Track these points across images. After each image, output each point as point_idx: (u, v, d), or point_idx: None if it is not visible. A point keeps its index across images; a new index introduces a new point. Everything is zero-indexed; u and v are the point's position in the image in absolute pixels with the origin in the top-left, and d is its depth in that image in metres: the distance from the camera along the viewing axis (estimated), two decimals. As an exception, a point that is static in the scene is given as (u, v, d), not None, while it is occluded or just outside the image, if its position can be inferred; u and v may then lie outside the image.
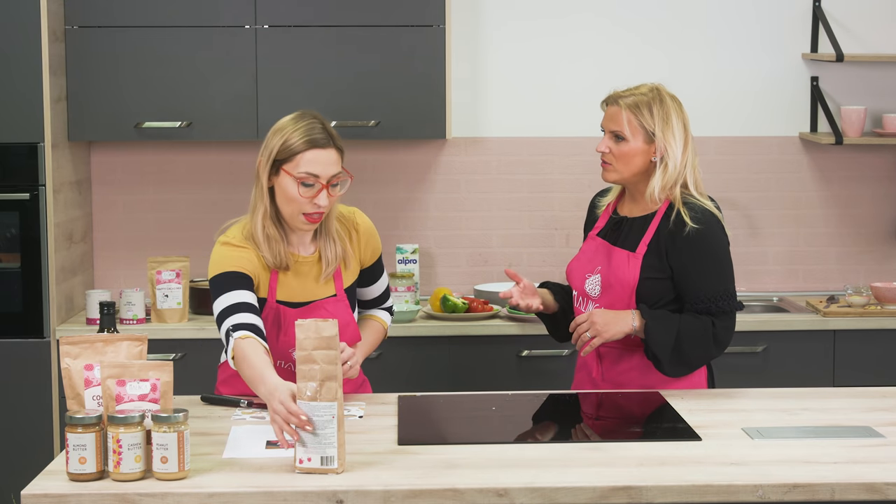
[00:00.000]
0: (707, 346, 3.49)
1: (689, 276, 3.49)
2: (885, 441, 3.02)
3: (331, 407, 2.76)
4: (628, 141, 3.50)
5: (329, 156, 3.27)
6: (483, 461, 2.87)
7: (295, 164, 3.25)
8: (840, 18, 5.21)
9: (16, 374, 4.57)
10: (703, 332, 3.48)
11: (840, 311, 4.75)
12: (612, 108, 3.54)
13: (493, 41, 5.17)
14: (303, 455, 2.78)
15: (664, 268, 3.50)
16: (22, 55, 4.52)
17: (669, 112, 3.51)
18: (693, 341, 3.47)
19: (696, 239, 3.47)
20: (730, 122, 5.24)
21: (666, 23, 5.20)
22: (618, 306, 3.53)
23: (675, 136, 3.51)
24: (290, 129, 3.27)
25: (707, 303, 3.50)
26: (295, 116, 3.32)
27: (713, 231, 3.50)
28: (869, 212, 5.28)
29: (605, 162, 3.55)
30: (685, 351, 3.47)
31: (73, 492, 2.68)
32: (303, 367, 2.77)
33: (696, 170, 3.58)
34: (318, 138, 3.26)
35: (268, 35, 4.77)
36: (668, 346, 3.46)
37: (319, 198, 3.26)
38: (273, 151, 3.27)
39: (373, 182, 5.11)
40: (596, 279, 3.58)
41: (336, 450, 2.77)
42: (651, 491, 2.70)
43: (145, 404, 2.80)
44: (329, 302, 3.42)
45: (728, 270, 3.53)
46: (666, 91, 3.57)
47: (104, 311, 3.27)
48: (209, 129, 4.81)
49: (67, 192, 4.79)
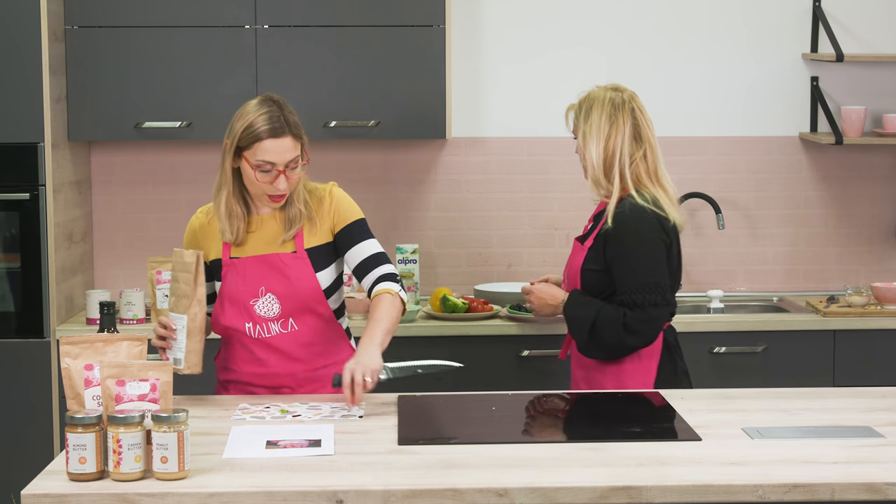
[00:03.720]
0: (618, 333, 3.66)
1: (613, 269, 3.70)
2: (885, 441, 3.03)
3: (181, 318, 3.39)
4: (577, 139, 3.79)
5: (284, 143, 3.41)
6: (483, 461, 2.87)
7: (253, 151, 3.41)
8: (840, 18, 5.21)
9: (16, 374, 4.58)
10: (614, 320, 3.66)
11: (840, 311, 4.75)
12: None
13: (493, 41, 5.17)
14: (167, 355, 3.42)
15: (601, 260, 3.71)
16: (22, 55, 4.52)
17: (591, 109, 3.73)
18: (606, 328, 3.67)
19: (615, 234, 3.68)
20: (730, 122, 5.25)
21: (666, 23, 5.20)
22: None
23: (592, 131, 3.72)
24: (252, 116, 3.42)
25: (622, 294, 3.68)
26: (258, 102, 3.47)
27: (631, 227, 3.66)
28: (869, 212, 5.28)
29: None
30: (599, 336, 3.69)
31: (73, 492, 2.68)
32: (172, 285, 3.44)
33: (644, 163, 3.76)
34: (275, 127, 3.40)
35: (268, 35, 4.77)
36: (584, 330, 3.70)
37: (278, 182, 3.42)
38: (236, 137, 3.44)
39: (373, 182, 5.11)
40: (566, 270, 3.89)
41: (183, 354, 3.39)
42: (651, 491, 2.70)
43: (145, 404, 2.80)
44: (288, 256, 3.50)
45: (644, 266, 3.67)
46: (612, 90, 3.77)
47: (104, 311, 3.27)
48: (209, 129, 4.81)
49: (67, 192, 4.79)
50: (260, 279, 3.49)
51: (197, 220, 3.62)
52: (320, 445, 2.98)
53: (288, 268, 3.49)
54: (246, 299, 3.49)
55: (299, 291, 3.50)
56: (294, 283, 3.49)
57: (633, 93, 3.83)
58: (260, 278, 3.49)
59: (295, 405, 3.37)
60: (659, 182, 3.77)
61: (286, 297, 3.49)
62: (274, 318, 3.50)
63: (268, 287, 3.49)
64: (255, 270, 3.49)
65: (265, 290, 3.49)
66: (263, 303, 3.50)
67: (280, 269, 3.49)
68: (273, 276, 3.49)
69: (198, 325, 3.40)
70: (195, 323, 3.40)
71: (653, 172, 3.78)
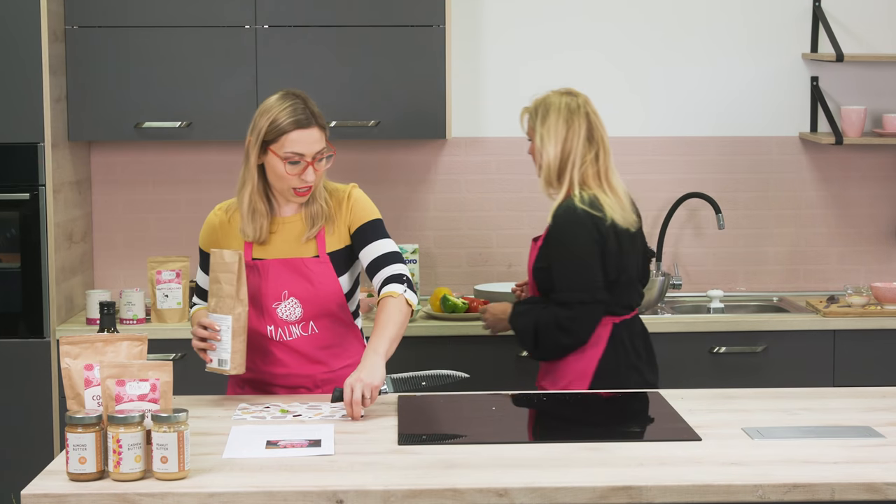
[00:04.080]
0: (553, 333, 3.79)
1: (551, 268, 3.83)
2: (885, 441, 3.03)
3: (226, 319, 3.34)
4: (532, 141, 3.90)
5: (312, 135, 3.44)
6: (483, 461, 2.87)
7: (280, 144, 3.42)
8: (840, 18, 5.21)
9: (16, 374, 4.57)
10: (549, 322, 3.80)
11: (840, 311, 4.75)
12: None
13: (493, 41, 5.17)
14: (210, 357, 3.38)
15: (546, 258, 3.85)
16: (22, 55, 4.52)
17: (548, 111, 3.84)
18: (544, 331, 3.81)
19: (551, 234, 3.83)
20: (730, 122, 5.25)
21: (666, 23, 5.20)
22: (531, 288, 3.95)
23: (550, 133, 3.82)
24: (276, 111, 3.43)
25: (555, 294, 3.82)
26: (280, 97, 3.47)
27: (563, 228, 3.79)
28: (869, 212, 5.28)
29: None
30: (541, 338, 3.83)
31: (73, 492, 2.68)
32: (211, 286, 3.38)
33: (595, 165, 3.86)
34: (300, 119, 3.42)
35: (268, 35, 4.77)
36: (529, 338, 3.85)
37: (306, 174, 3.43)
38: (261, 133, 3.43)
39: (373, 182, 5.11)
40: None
41: (228, 354, 3.34)
42: (651, 491, 2.70)
43: (145, 404, 2.80)
44: (312, 261, 3.50)
45: (572, 265, 3.79)
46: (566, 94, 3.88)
47: (104, 311, 3.26)
48: (209, 129, 4.81)
49: (67, 192, 4.79)
50: (283, 283, 3.48)
51: (217, 217, 3.58)
52: (320, 445, 2.98)
53: (311, 272, 3.49)
54: (268, 302, 3.49)
55: (322, 296, 3.50)
56: (317, 287, 3.49)
57: (587, 97, 3.94)
58: (283, 282, 3.48)
59: (294, 405, 3.37)
60: (609, 183, 3.87)
61: (308, 302, 3.49)
62: (295, 322, 3.50)
63: (291, 291, 3.49)
64: (278, 273, 3.48)
65: (288, 294, 3.49)
66: (286, 306, 3.49)
67: (304, 273, 3.49)
68: (296, 280, 3.49)
69: (241, 324, 3.38)
70: (239, 323, 3.37)
71: (603, 174, 3.87)
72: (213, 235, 3.57)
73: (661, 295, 4.90)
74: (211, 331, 3.37)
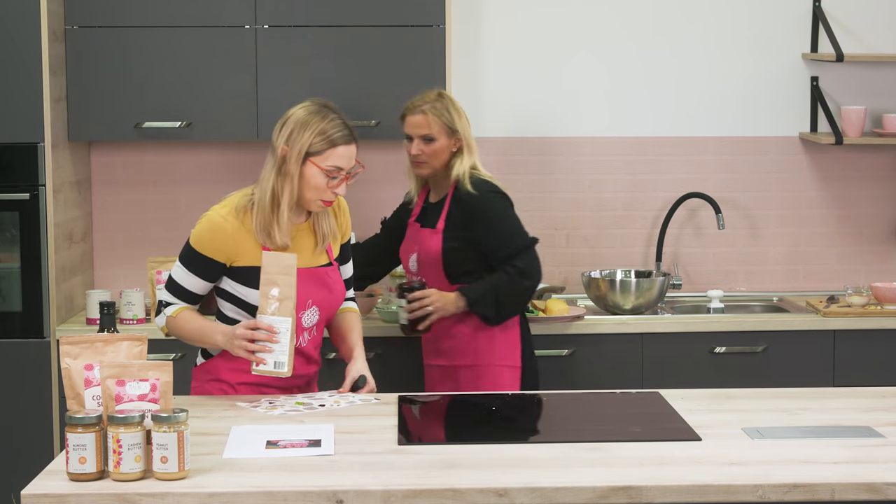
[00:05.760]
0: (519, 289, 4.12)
1: (487, 233, 4.12)
2: (885, 441, 3.03)
3: (286, 321, 3.34)
4: (437, 140, 4.18)
5: (352, 151, 3.53)
6: (483, 461, 2.87)
7: (325, 157, 3.47)
8: (840, 18, 5.21)
9: (16, 374, 4.57)
10: (509, 279, 4.10)
11: (840, 311, 4.75)
12: (417, 117, 4.20)
13: (493, 41, 5.17)
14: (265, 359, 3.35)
15: (462, 237, 4.14)
16: (22, 55, 4.52)
17: (459, 109, 4.23)
18: (508, 292, 4.10)
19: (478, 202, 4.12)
20: (730, 122, 5.25)
21: (666, 23, 5.20)
22: (431, 275, 4.18)
23: (468, 126, 4.22)
24: (322, 124, 3.48)
25: (505, 248, 4.12)
26: (316, 109, 3.51)
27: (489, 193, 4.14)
28: (869, 212, 5.28)
29: (420, 162, 4.21)
30: (505, 302, 4.11)
31: (73, 492, 2.68)
32: (266, 287, 3.35)
33: None
34: (346, 135, 3.50)
35: (268, 35, 4.77)
36: (490, 307, 4.10)
37: (340, 187, 3.50)
38: (305, 145, 3.46)
39: (373, 182, 5.10)
40: (415, 257, 4.25)
41: (287, 357, 3.35)
42: (651, 491, 2.70)
43: (145, 404, 2.80)
44: (331, 270, 3.59)
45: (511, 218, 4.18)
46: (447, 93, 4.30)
47: (104, 311, 3.26)
48: (209, 129, 4.81)
49: (67, 192, 4.79)
50: (308, 292, 3.51)
51: (228, 223, 3.48)
52: (320, 445, 2.98)
53: (331, 280, 3.57)
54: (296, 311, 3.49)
55: (336, 303, 3.61)
56: (335, 294, 3.59)
57: None
58: (308, 291, 3.51)
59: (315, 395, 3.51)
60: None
61: (325, 308, 3.57)
62: (311, 328, 3.55)
63: (315, 300, 3.54)
64: (302, 283, 3.47)
65: (312, 303, 3.53)
66: (309, 314, 3.53)
67: (325, 282, 3.56)
68: (318, 290, 3.54)
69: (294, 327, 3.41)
70: (294, 325, 3.39)
71: None
72: (226, 242, 3.48)
73: (661, 295, 4.90)
74: (268, 333, 3.36)
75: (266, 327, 3.35)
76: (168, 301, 3.56)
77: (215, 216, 3.50)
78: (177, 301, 3.55)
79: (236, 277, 3.50)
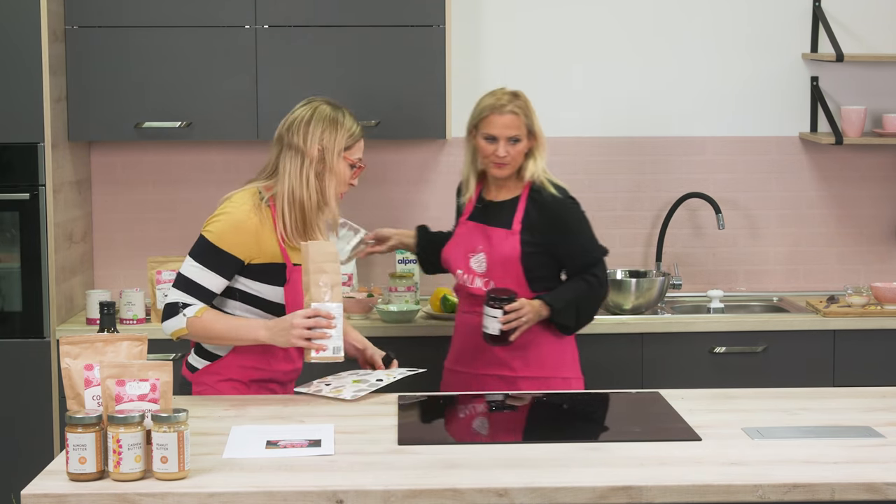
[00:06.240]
0: (597, 299, 4.01)
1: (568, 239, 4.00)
2: (885, 441, 3.03)
3: (339, 307, 3.40)
4: (521, 141, 4.01)
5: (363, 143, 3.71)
6: (483, 461, 2.87)
7: (352, 151, 3.65)
8: (840, 18, 5.21)
9: (16, 374, 4.58)
10: (590, 289, 3.98)
11: (840, 311, 4.75)
12: (507, 118, 3.99)
13: (493, 41, 5.17)
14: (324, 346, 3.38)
15: (538, 241, 3.98)
16: (22, 55, 4.52)
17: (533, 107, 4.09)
18: (588, 302, 3.98)
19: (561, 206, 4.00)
20: (729, 122, 5.25)
21: (666, 23, 5.20)
22: (507, 278, 3.98)
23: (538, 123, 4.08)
24: (345, 120, 3.63)
25: (585, 256, 4.00)
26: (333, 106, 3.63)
27: (570, 199, 4.04)
28: (869, 212, 5.28)
29: (503, 163, 3.99)
30: (584, 312, 3.99)
31: (73, 492, 2.68)
32: (316, 276, 3.38)
33: None
34: (361, 127, 3.69)
35: (268, 35, 4.77)
36: (572, 317, 3.97)
37: (356, 177, 3.69)
38: (342, 141, 3.61)
39: (373, 182, 5.10)
40: (480, 257, 4.04)
41: (342, 342, 3.41)
42: (651, 491, 2.70)
43: (145, 404, 2.80)
44: None
45: (589, 225, 4.06)
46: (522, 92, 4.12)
47: (104, 311, 3.26)
48: (209, 129, 4.81)
49: (67, 192, 4.79)
50: None
51: (250, 220, 3.50)
52: (320, 445, 2.98)
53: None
54: None
55: None
56: None
57: None
58: None
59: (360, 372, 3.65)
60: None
61: None
62: None
63: None
64: None
65: None
66: None
67: None
68: None
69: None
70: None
71: None
72: (249, 239, 3.50)
73: (661, 295, 4.90)
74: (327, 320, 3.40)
75: (326, 314, 3.39)
76: (185, 302, 3.49)
77: (237, 213, 3.51)
78: (195, 301, 3.48)
79: (253, 275, 3.50)
